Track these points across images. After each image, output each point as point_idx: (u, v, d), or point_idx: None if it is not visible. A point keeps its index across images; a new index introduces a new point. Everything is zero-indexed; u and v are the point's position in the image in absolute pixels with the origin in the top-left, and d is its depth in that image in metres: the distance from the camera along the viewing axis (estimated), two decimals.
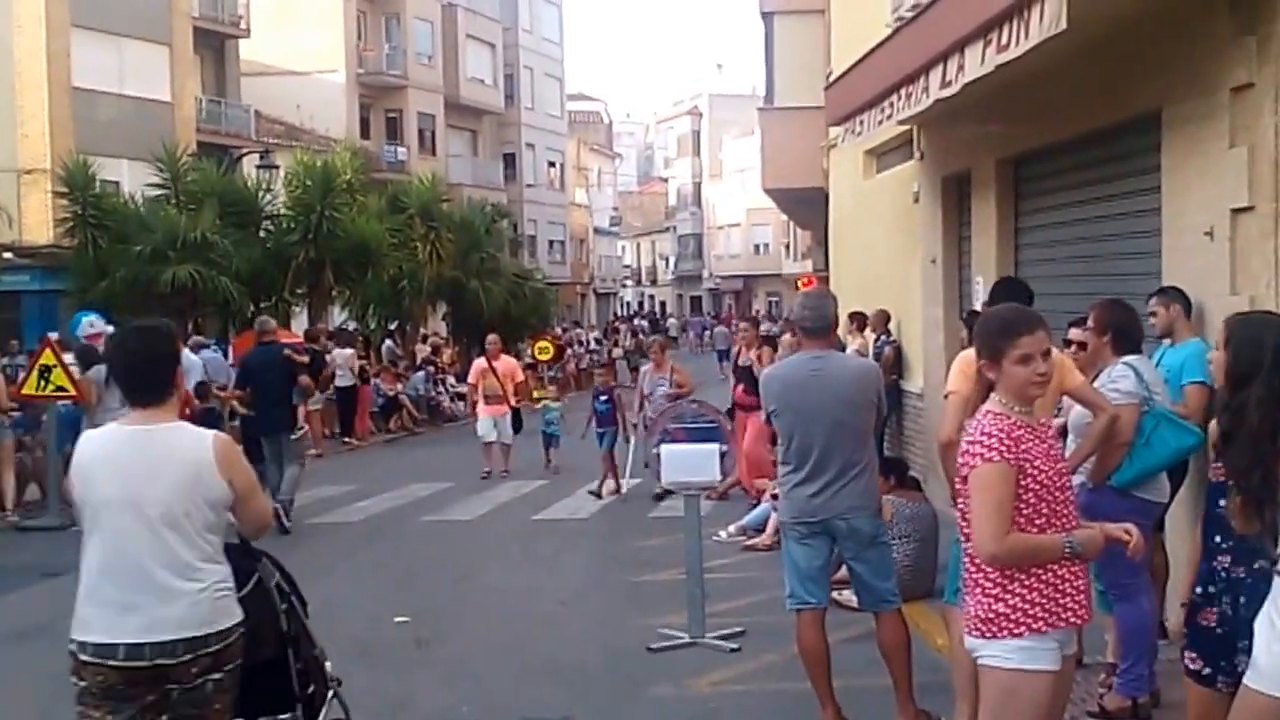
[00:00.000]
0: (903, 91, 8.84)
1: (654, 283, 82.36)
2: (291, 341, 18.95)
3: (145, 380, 3.77)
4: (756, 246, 68.25)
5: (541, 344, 28.42)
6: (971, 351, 5.26)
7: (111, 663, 3.56)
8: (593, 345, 35.41)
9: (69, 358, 11.95)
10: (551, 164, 54.61)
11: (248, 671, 3.78)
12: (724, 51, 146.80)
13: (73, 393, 11.66)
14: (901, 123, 9.45)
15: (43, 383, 11.53)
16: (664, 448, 7.48)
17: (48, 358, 11.57)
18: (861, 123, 10.50)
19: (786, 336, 12.15)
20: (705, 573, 7.42)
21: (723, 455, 7.42)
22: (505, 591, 8.94)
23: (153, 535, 3.61)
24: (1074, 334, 5.90)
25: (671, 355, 14.12)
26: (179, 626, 3.57)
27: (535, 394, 27.03)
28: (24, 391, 11.84)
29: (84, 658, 3.58)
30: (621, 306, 72.44)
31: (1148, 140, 6.77)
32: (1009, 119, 8.85)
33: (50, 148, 24.47)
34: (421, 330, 28.84)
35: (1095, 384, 5.25)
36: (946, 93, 7.63)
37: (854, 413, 5.40)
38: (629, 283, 79.00)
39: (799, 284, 50.00)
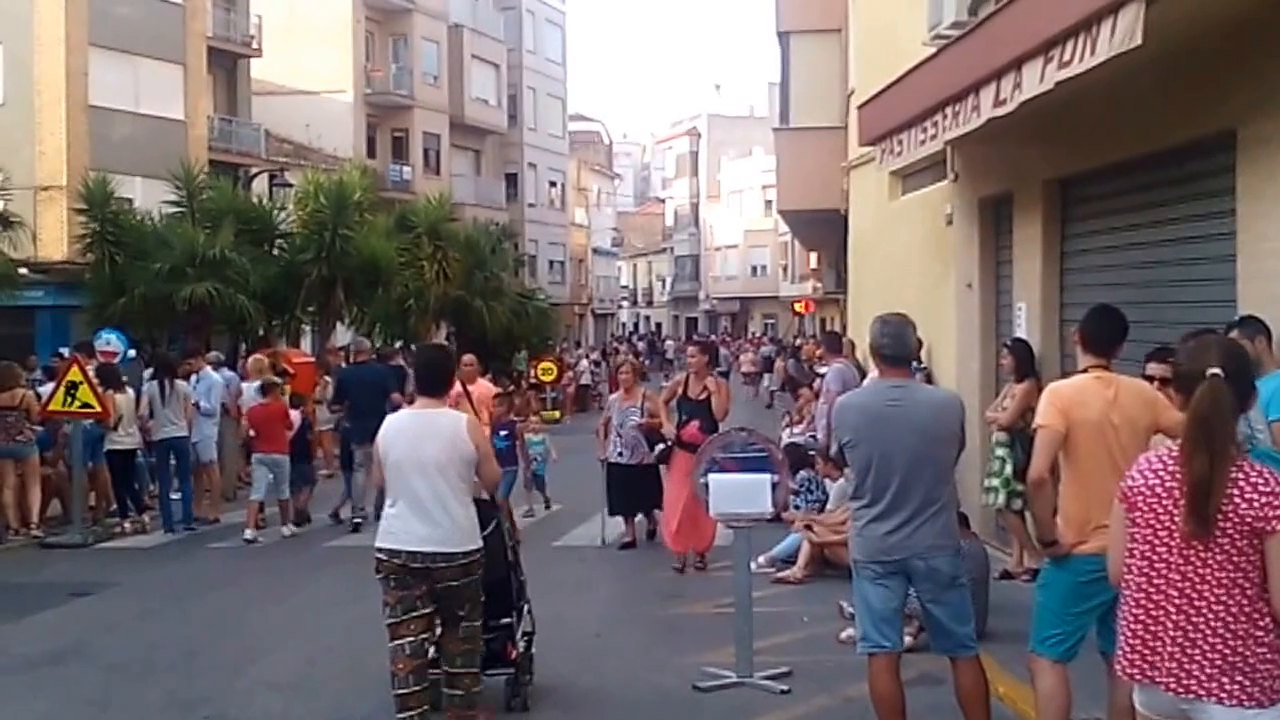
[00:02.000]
0: (948, 110, 8.70)
1: (650, 304, 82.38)
2: (301, 361, 18.92)
3: (433, 380, 5.81)
4: (754, 268, 68.41)
5: (545, 365, 28.33)
6: (1064, 382, 5.08)
7: (397, 561, 5.48)
8: (591, 367, 34.99)
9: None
10: (553, 184, 54.78)
11: (487, 585, 5.76)
12: (722, 72, 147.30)
13: (98, 410, 11.55)
14: (948, 142, 9.29)
15: (69, 399, 11.42)
16: (712, 478, 7.20)
17: (74, 374, 11.48)
18: (900, 142, 10.37)
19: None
20: None
21: (774, 486, 7.19)
22: (537, 622, 8.73)
23: (428, 481, 5.49)
24: (1153, 369, 5.67)
25: (645, 382, 12.95)
26: (439, 543, 5.46)
27: (544, 416, 27.07)
28: (50, 408, 11.72)
29: (380, 557, 5.53)
30: (618, 327, 72.36)
31: (1220, 161, 6.60)
32: (1059, 139, 8.70)
33: (66, 165, 24.62)
34: None
35: None
36: (1000, 111, 7.47)
37: (935, 446, 5.18)
38: (625, 303, 78.94)
39: (794, 307, 50.31)
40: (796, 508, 11.29)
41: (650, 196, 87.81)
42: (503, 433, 12.08)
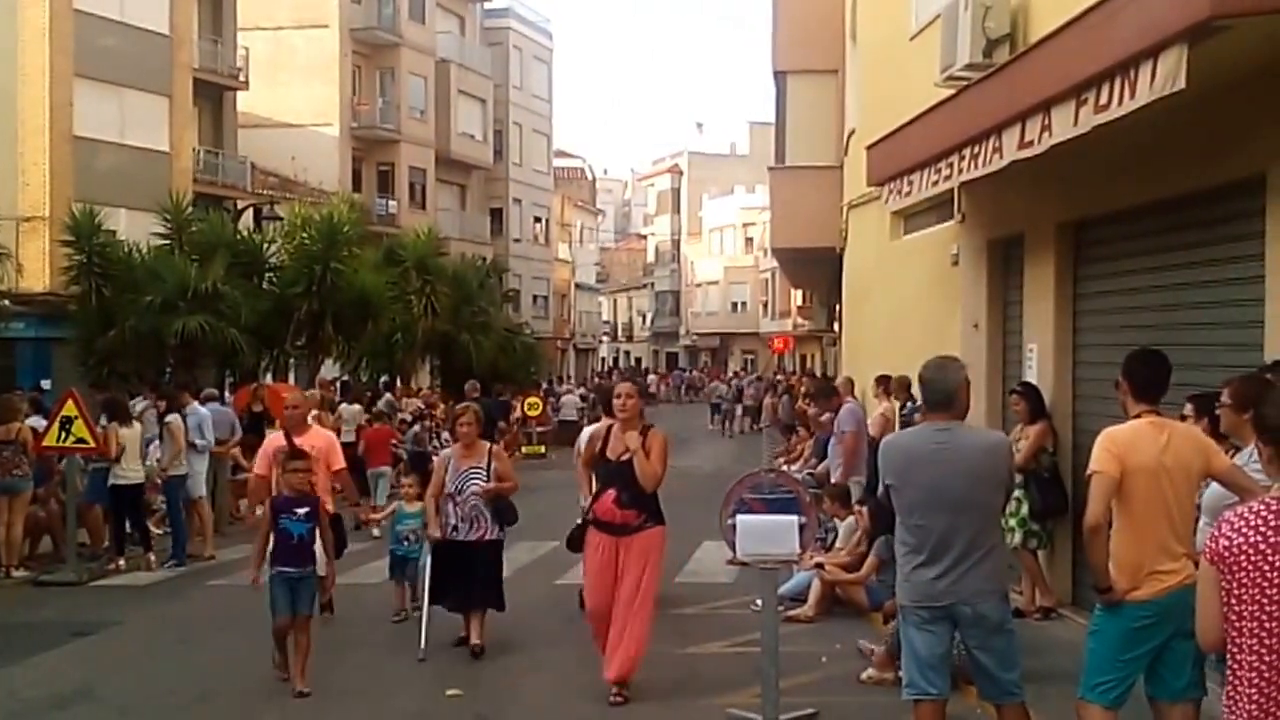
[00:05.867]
0: (966, 152, 8.72)
1: (630, 338, 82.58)
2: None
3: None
4: (734, 304, 68.82)
5: (531, 400, 28.22)
6: (1119, 428, 4.99)
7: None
8: (578, 403, 34.68)
9: None
10: (537, 219, 54.98)
11: None
12: (704, 110, 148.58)
13: (92, 445, 11.37)
14: (965, 184, 9.31)
15: (63, 434, 11.25)
16: (739, 518, 7.11)
17: (69, 409, 11.32)
18: (910, 183, 10.39)
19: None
20: (752, 646, 7.11)
21: (801, 528, 7.11)
22: (552, 662, 8.54)
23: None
24: (1190, 411, 5.62)
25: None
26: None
27: (528, 450, 26.95)
28: (45, 443, 11.53)
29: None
30: (599, 363, 72.48)
31: (1247, 205, 6.60)
32: (1075, 181, 8.70)
33: (50, 196, 24.51)
34: (414, 383, 28.60)
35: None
36: (1027, 154, 7.48)
37: (982, 490, 5.11)
38: (605, 338, 79.11)
39: (773, 343, 50.55)
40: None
41: (631, 232, 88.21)
42: (300, 511, 7.54)
